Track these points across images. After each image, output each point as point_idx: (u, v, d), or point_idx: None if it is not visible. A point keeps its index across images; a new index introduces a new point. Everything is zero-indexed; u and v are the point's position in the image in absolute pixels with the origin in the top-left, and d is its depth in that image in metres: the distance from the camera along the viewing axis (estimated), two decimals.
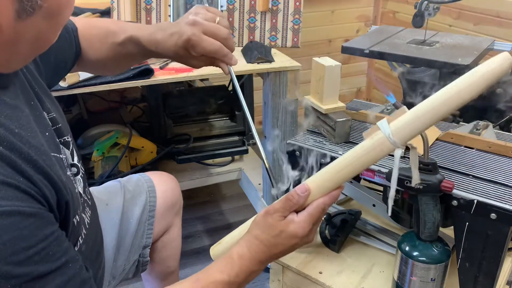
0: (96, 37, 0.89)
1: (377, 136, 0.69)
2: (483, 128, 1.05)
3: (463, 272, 0.83)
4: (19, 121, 0.57)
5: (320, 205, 0.72)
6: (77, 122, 1.81)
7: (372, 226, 1.08)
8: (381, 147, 0.69)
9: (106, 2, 1.56)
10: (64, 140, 0.74)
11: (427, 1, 1.30)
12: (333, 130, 1.00)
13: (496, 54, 0.66)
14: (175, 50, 0.83)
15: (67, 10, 0.57)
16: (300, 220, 0.71)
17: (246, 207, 2.01)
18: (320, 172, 0.75)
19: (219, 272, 0.70)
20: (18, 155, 0.54)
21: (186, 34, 0.80)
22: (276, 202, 0.74)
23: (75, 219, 0.66)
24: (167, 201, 1.13)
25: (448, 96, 0.65)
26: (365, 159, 0.71)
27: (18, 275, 0.50)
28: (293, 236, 0.71)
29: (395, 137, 0.68)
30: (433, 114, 0.66)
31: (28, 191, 0.53)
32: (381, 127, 0.69)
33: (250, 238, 0.73)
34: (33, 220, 0.52)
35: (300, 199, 0.72)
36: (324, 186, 0.73)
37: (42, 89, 0.73)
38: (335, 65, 0.98)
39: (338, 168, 0.72)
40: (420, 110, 0.67)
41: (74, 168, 0.75)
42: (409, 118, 0.68)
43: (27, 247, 0.51)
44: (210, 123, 1.83)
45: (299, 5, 1.54)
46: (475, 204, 0.79)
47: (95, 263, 0.85)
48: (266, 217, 0.73)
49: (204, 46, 0.81)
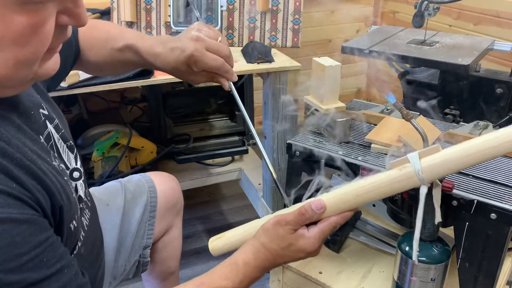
0: (97, 40, 0.88)
1: (405, 169, 0.69)
2: (483, 128, 1.05)
3: (463, 272, 0.84)
4: (10, 129, 0.57)
5: (332, 224, 0.73)
6: (77, 122, 1.81)
7: (372, 226, 1.08)
8: (408, 181, 0.69)
9: (106, 2, 1.56)
10: (69, 144, 0.74)
11: (427, 1, 1.30)
12: (333, 130, 1.00)
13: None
14: (175, 65, 0.83)
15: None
16: (311, 236, 0.72)
17: (246, 207, 2.01)
18: (339, 192, 0.74)
19: (224, 278, 0.70)
20: (10, 160, 0.53)
21: (189, 49, 0.80)
22: (288, 214, 0.73)
23: (72, 225, 0.65)
24: (167, 201, 1.13)
25: (486, 147, 0.64)
26: (389, 189, 0.71)
27: (11, 283, 0.50)
28: (301, 250, 0.72)
29: (424, 174, 0.67)
30: (467, 161, 0.66)
31: (20, 197, 0.52)
32: (412, 161, 0.68)
33: (258, 245, 0.73)
34: (26, 226, 0.52)
35: (314, 215, 0.72)
36: (340, 207, 0.73)
37: (43, 94, 0.73)
38: (335, 65, 0.98)
39: (358, 193, 0.72)
40: (455, 154, 0.66)
41: (76, 173, 0.74)
42: (443, 160, 0.67)
43: (20, 254, 0.51)
44: (210, 123, 1.83)
45: (299, 5, 1.54)
46: (475, 204, 0.79)
47: (95, 264, 0.84)
48: (276, 227, 0.73)
49: (207, 62, 0.82)
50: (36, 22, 0.49)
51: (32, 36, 0.50)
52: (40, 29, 0.50)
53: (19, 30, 0.49)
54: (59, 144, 0.70)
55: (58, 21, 0.53)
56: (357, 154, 0.97)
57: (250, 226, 0.81)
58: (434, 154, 0.68)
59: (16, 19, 0.48)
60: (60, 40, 0.56)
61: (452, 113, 1.33)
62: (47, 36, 0.52)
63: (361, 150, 0.99)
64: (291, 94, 1.46)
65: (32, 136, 0.61)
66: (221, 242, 0.84)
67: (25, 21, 0.49)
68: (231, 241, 0.83)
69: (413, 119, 0.83)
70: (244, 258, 0.72)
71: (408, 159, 0.68)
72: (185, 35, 0.83)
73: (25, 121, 0.62)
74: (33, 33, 0.50)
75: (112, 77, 1.28)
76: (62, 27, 0.55)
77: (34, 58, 0.53)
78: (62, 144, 0.72)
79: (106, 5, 1.59)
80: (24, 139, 0.59)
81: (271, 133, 1.48)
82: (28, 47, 0.51)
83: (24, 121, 0.61)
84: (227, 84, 0.87)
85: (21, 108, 0.62)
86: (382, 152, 0.97)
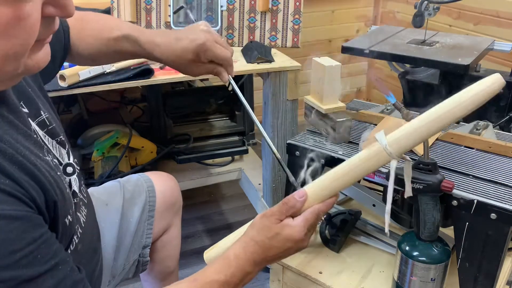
0: (90, 31, 0.90)
1: (374, 147, 0.73)
2: (483, 128, 1.05)
3: (463, 272, 0.83)
4: (1, 125, 0.56)
5: (315, 211, 0.75)
6: (77, 122, 1.81)
7: (372, 226, 1.08)
8: (378, 157, 0.72)
9: (106, 2, 1.56)
10: (60, 139, 0.74)
11: (427, 1, 1.30)
12: (333, 130, 1.00)
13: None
14: (181, 54, 0.87)
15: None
16: (296, 224, 0.74)
17: (246, 207, 2.01)
18: (318, 180, 0.78)
19: (216, 272, 0.72)
20: (3, 156, 0.53)
21: (201, 39, 0.86)
22: (273, 206, 0.76)
23: (66, 219, 0.65)
24: (166, 200, 1.13)
25: (441, 113, 0.69)
26: (362, 168, 0.74)
27: (5, 280, 0.49)
28: (288, 239, 0.73)
29: (391, 148, 0.71)
30: (426, 129, 0.70)
31: (14, 193, 0.52)
32: (378, 138, 0.72)
33: (246, 239, 0.75)
34: (20, 223, 0.52)
35: (297, 203, 0.75)
36: (321, 193, 0.76)
37: (33, 89, 0.72)
38: (335, 65, 0.98)
39: (335, 177, 0.76)
40: (415, 125, 0.71)
41: (69, 168, 0.74)
42: (405, 132, 0.71)
43: (14, 251, 0.50)
44: (210, 123, 1.83)
45: (299, 5, 1.54)
46: (475, 204, 0.79)
47: (92, 260, 0.84)
48: (262, 219, 0.75)
49: (217, 52, 0.88)
50: (21, 14, 0.49)
51: (17, 28, 0.50)
52: (25, 21, 0.50)
53: (4, 22, 0.48)
54: (46, 140, 0.70)
55: (45, 12, 0.53)
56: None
57: (240, 231, 0.83)
58: (398, 128, 0.72)
59: (1, 11, 0.48)
60: (48, 31, 0.56)
61: None
62: (34, 27, 0.51)
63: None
64: (291, 94, 1.45)
65: (24, 131, 0.61)
66: (214, 251, 0.86)
67: (10, 13, 0.48)
68: (223, 248, 0.85)
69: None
70: (235, 252, 0.74)
71: (376, 138, 0.72)
72: (195, 28, 0.89)
73: (17, 116, 0.61)
74: (18, 25, 0.49)
75: (112, 77, 1.28)
76: (49, 19, 0.55)
77: (23, 50, 0.52)
78: (50, 140, 0.71)
79: (106, 5, 1.59)
80: (16, 135, 0.58)
81: (271, 133, 1.48)
82: (15, 39, 0.50)
83: (16, 117, 0.61)
84: (227, 77, 0.92)
85: (11, 104, 0.62)
86: None
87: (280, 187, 1.56)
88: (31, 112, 0.69)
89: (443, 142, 1.01)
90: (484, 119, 1.26)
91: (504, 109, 1.29)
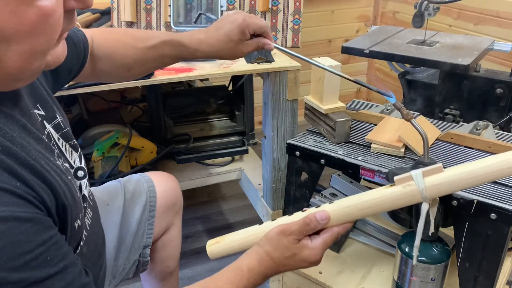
0: (122, 44, 0.91)
1: (410, 187, 0.70)
2: (483, 128, 1.05)
3: (463, 272, 0.84)
4: (14, 128, 0.57)
5: (334, 235, 0.75)
6: (77, 122, 1.80)
7: (372, 226, 1.08)
8: (411, 198, 0.71)
9: (106, 2, 1.56)
10: (73, 143, 0.74)
11: (427, 1, 1.30)
12: (333, 130, 1.00)
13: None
14: (227, 39, 0.88)
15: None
16: (314, 247, 0.74)
17: (246, 207, 2.01)
18: (342, 204, 0.76)
19: (229, 283, 0.72)
20: (14, 159, 0.53)
21: (239, 18, 0.88)
22: (292, 223, 0.75)
23: (76, 223, 0.65)
24: (167, 200, 1.13)
25: (490, 171, 0.66)
26: (391, 205, 0.73)
27: (14, 281, 0.49)
28: (304, 260, 0.74)
29: (427, 193, 0.69)
30: (468, 182, 0.68)
31: (24, 196, 0.52)
32: (416, 179, 0.70)
33: (261, 253, 0.75)
34: (30, 225, 0.52)
35: (319, 225, 0.74)
36: (343, 218, 0.75)
37: (48, 92, 0.73)
38: (335, 65, 0.98)
39: (363, 207, 0.74)
40: (458, 175, 0.68)
41: (80, 171, 0.74)
42: (446, 180, 0.69)
43: (23, 253, 0.50)
44: (210, 123, 1.83)
45: (299, 5, 1.54)
46: (475, 204, 0.79)
47: (96, 264, 0.84)
48: (280, 236, 0.74)
49: (258, 22, 0.89)
50: (48, 11, 0.50)
51: (45, 25, 0.51)
52: (51, 17, 0.51)
53: (33, 21, 0.50)
54: (60, 143, 0.70)
55: (66, 6, 0.54)
56: (357, 154, 0.97)
57: (250, 233, 0.82)
58: (437, 174, 0.69)
59: (28, 11, 0.49)
60: (68, 25, 0.57)
61: (452, 113, 1.33)
62: (58, 23, 0.53)
63: (361, 150, 0.99)
64: (291, 94, 1.45)
65: (36, 135, 0.61)
66: (220, 246, 0.85)
67: (38, 11, 0.50)
68: (230, 246, 0.84)
69: (413, 119, 0.83)
70: (249, 264, 0.74)
71: (412, 177, 0.70)
72: (225, 15, 0.91)
73: (29, 120, 0.62)
74: (46, 22, 0.51)
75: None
76: (70, 12, 0.56)
77: (49, 46, 0.54)
78: (64, 143, 0.72)
79: (106, 5, 1.59)
80: (28, 138, 0.59)
81: (271, 133, 1.48)
82: (43, 36, 0.52)
83: (28, 120, 0.61)
84: (273, 45, 0.92)
85: (23, 107, 0.62)
86: (382, 152, 0.97)
87: (280, 187, 1.57)
88: (47, 114, 0.69)
89: (443, 142, 1.01)
90: (484, 119, 1.26)
91: (504, 109, 1.29)
